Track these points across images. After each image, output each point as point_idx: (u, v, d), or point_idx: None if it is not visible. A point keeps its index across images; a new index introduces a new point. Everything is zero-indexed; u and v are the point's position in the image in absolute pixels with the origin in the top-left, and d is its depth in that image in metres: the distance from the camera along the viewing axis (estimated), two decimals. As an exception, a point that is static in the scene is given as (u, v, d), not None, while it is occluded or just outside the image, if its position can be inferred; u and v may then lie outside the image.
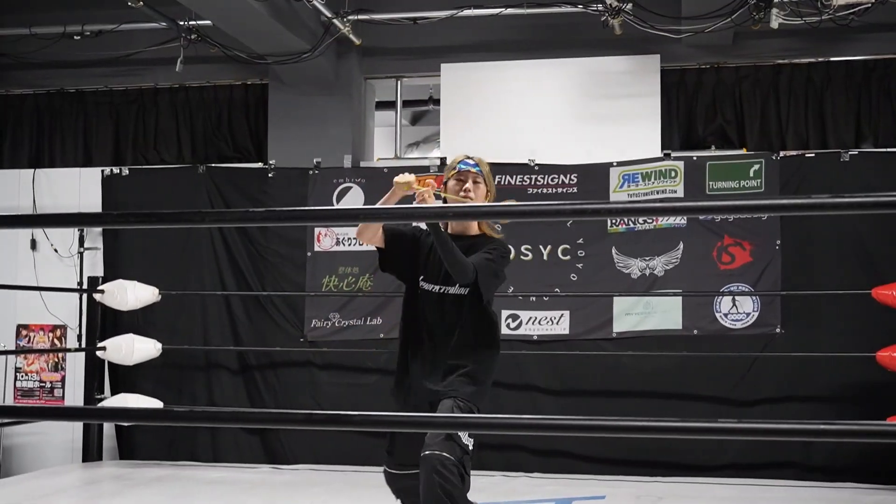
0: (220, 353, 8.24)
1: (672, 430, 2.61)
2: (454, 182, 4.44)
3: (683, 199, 7.47)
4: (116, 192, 8.46)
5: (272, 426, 8.10)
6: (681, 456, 7.45)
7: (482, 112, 8.36)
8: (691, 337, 7.65)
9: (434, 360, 4.36)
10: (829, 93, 8.20)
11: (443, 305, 4.38)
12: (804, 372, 7.44)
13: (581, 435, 6.64)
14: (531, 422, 3.07)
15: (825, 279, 7.48)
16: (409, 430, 4.11)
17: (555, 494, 6.74)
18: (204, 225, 7.99)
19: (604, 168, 7.91)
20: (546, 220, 7.32)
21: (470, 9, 8.13)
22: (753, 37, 8.02)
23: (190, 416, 4.25)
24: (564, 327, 7.84)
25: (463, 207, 3.94)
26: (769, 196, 7.49)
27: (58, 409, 6.22)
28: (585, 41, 8.30)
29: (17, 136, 9.45)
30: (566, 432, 2.99)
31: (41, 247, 8.81)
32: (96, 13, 8.71)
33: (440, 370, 4.35)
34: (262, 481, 7.44)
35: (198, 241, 8.28)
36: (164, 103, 9.18)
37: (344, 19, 8.13)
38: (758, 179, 7.66)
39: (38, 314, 8.66)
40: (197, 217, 4.13)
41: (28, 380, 8.78)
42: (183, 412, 4.19)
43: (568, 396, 7.76)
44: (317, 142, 8.49)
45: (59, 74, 9.20)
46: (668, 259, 7.74)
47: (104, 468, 7.96)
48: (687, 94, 8.43)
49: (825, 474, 7.26)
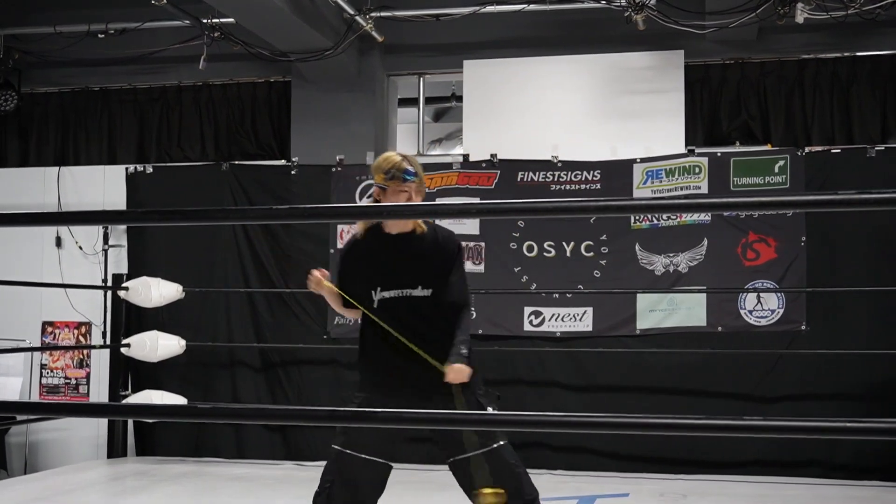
0: (244, 351, 8.26)
1: (697, 428, 2.59)
2: (394, 192, 4.17)
3: (707, 196, 7.43)
4: (140, 190, 8.49)
5: (296, 423, 8.12)
6: (704, 453, 7.41)
7: (505, 108, 8.35)
8: (715, 334, 7.61)
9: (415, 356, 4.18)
10: (855, 88, 8.13)
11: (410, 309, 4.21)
12: (829, 369, 7.39)
13: (605, 432, 6.62)
14: (554, 419, 3.05)
15: (851, 276, 7.42)
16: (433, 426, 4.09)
17: (578, 492, 6.72)
18: (227, 222, 8.03)
19: (627, 164, 7.87)
20: (570, 216, 7.30)
21: (492, 5, 8.12)
22: (778, 31, 7.97)
23: (214, 413, 4.24)
24: (588, 324, 7.81)
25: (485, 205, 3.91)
26: (794, 192, 7.43)
27: (83, 406, 6.26)
28: (609, 37, 8.26)
29: (43, 134, 9.52)
30: (589, 429, 2.97)
31: (66, 244, 8.87)
32: (120, 12, 8.75)
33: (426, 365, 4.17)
34: (286, 477, 7.46)
35: (221, 239, 8.30)
36: (188, 101, 9.22)
37: (366, 16, 8.14)
38: (783, 175, 7.61)
39: (64, 311, 8.72)
40: (220, 214, 4.13)
41: (53, 376, 8.84)
42: (207, 409, 4.19)
43: (591, 393, 7.74)
44: (339, 139, 8.50)
45: (84, 73, 9.26)
46: (692, 255, 7.70)
47: (129, 464, 8.00)
48: (711, 90, 8.39)
49: (849, 472, 7.21)
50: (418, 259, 4.25)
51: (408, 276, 4.23)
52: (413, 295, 4.22)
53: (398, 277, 4.23)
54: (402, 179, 4.18)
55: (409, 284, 4.22)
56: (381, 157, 4.31)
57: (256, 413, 4.87)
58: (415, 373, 4.17)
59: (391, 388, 4.22)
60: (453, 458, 4.20)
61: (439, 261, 4.28)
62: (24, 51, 9.02)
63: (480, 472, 4.11)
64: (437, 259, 4.28)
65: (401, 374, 4.22)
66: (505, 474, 4.14)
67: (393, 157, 4.27)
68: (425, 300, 4.23)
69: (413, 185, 4.20)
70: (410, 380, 4.19)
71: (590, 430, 2.81)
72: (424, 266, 4.25)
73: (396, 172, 4.19)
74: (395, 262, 4.25)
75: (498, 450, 4.16)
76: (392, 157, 4.27)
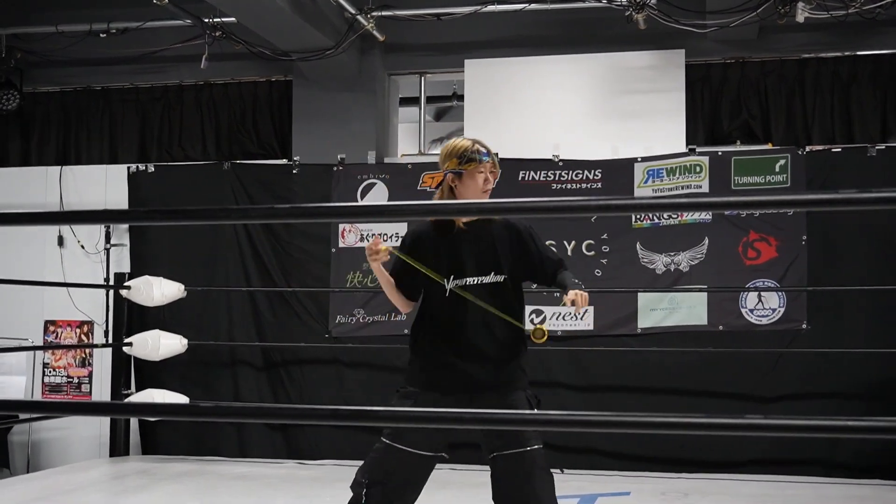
0: (245, 350, 8.27)
1: (698, 427, 2.60)
2: (472, 174, 4.20)
3: (708, 195, 7.43)
4: (142, 189, 8.51)
5: (298, 422, 8.12)
6: (706, 452, 7.42)
7: (506, 108, 8.36)
8: (716, 333, 7.62)
9: (478, 352, 4.23)
10: (856, 87, 8.14)
11: (484, 296, 4.19)
12: (830, 368, 7.40)
13: (606, 431, 6.63)
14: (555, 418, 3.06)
15: (852, 274, 7.43)
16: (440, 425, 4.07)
17: (580, 490, 6.73)
18: (229, 221, 8.03)
19: (628, 164, 7.88)
20: (571, 215, 7.30)
21: (494, 4, 8.13)
22: (779, 31, 7.98)
23: (216, 412, 4.23)
24: (588, 323, 7.82)
25: (487, 204, 3.90)
26: (795, 191, 7.43)
27: (85, 405, 6.27)
28: (609, 36, 8.27)
29: (45, 133, 9.53)
30: (590, 428, 2.98)
31: (68, 243, 8.88)
32: (122, 11, 8.76)
33: (487, 361, 4.22)
34: (288, 476, 7.47)
35: (223, 238, 8.31)
36: (189, 100, 9.23)
37: (368, 15, 8.15)
38: (784, 174, 7.62)
39: (66, 310, 8.74)
40: (222, 213, 4.13)
41: (56, 375, 8.85)
42: (209, 407, 4.19)
43: (592, 392, 7.75)
44: (341, 138, 8.51)
45: (86, 72, 9.27)
46: (693, 254, 7.71)
47: (131, 463, 8.01)
48: (712, 89, 8.39)
49: (851, 471, 7.22)
50: (492, 246, 4.25)
51: (482, 264, 4.23)
52: (487, 282, 4.22)
53: (473, 265, 4.23)
54: (479, 161, 4.20)
55: (483, 272, 4.22)
56: (449, 145, 4.30)
57: (258, 412, 4.86)
58: (470, 372, 4.17)
59: (443, 388, 4.19)
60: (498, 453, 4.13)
61: (511, 246, 4.28)
62: (26, 50, 9.03)
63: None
64: (509, 244, 4.28)
65: (455, 374, 4.19)
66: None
67: (463, 142, 4.27)
68: (498, 286, 4.23)
69: (488, 164, 4.22)
70: (464, 379, 4.17)
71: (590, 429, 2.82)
72: (498, 253, 4.25)
73: (472, 154, 4.21)
74: (469, 250, 4.24)
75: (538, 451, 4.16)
76: (462, 143, 4.28)
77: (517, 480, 4.12)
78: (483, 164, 4.21)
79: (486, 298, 4.19)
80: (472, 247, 4.25)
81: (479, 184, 4.21)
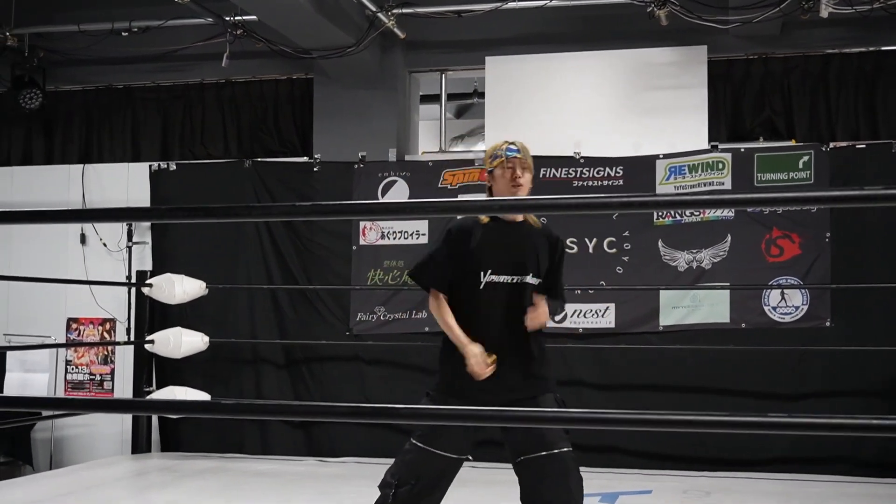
0: (267, 347, 8.29)
1: (720, 425, 2.58)
2: (501, 170, 4.30)
3: (731, 192, 7.39)
4: (164, 187, 8.54)
5: (319, 419, 8.13)
6: (728, 450, 7.38)
7: (527, 105, 8.33)
8: (739, 330, 7.58)
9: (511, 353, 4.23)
10: (881, 83, 8.07)
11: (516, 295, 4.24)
12: (854, 366, 7.35)
13: (627, 429, 6.60)
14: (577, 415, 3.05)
15: (875, 272, 7.37)
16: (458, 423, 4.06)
17: (601, 489, 6.71)
18: (251, 219, 8.04)
19: (650, 160, 7.85)
20: (593, 213, 7.28)
21: (514, 1, 8.10)
22: (802, 26, 7.91)
23: (237, 409, 4.24)
24: (610, 320, 7.80)
25: (509, 201, 3.90)
26: (819, 188, 7.39)
27: (107, 402, 6.30)
28: (631, 33, 8.24)
29: (67, 132, 9.58)
30: (612, 426, 2.96)
31: (90, 241, 8.92)
32: (143, 10, 8.79)
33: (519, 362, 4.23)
34: (309, 473, 7.49)
35: (245, 235, 8.34)
36: (211, 98, 9.26)
37: (388, 13, 8.15)
38: (807, 171, 7.56)
39: (88, 308, 8.79)
40: (244, 211, 4.13)
41: (78, 372, 8.90)
42: (230, 405, 4.19)
43: (614, 390, 7.72)
44: (361, 136, 8.51)
45: (108, 71, 9.31)
46: (715, 252, 7.67)
47: (153, 460, 8.05)
48: (734, 86, 8.34)
49: (875, 470, 7.17)
50: (532, 248, 4.30)
51: (522, 263, 4.27)
52: (524, 282, 4.26)
53: (512, 263, 4.26)
54: (504, 156, 4.30)
55: (522, 271, 4.26)
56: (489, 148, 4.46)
57: (279, 409, 4.87)
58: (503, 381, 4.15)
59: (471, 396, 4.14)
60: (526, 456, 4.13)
61: (549, 255, 4.35)
62: (49, 49, 9.07)
63: None
64: (548, 253, 4.35)
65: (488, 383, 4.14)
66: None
67: (496, 143, 4.42)
68: (530, 288, 4.27)
69: (517, 160, 4.29)
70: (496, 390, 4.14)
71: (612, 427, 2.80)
72: (537, 256, 4.30)
73: (498, 151, 4.33)
74: (510, 248, 4.29)
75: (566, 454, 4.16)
76: (495, 143, 4.43)
77: (550, 481, 4.12)
78: (510, 160, 4.29)
79: (517, 297, 4.23)
80: (518, 245, 4.30)
81: (507, 179, 4.28)
